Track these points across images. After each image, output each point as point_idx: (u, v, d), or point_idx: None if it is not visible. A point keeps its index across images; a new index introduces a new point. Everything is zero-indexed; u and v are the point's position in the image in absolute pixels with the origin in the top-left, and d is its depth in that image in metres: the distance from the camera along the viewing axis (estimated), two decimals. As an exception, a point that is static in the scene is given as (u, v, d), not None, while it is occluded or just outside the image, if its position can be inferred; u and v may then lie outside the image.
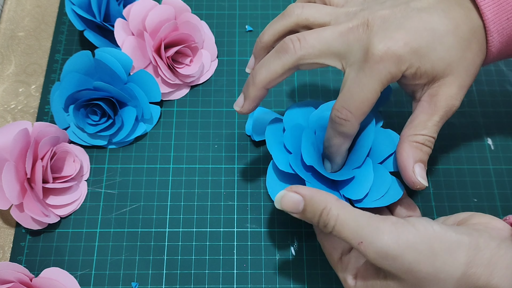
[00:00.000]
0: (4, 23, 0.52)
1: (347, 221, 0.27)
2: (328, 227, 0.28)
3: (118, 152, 0.45)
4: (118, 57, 0.43)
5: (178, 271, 0.40)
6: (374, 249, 0.26)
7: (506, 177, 0.44)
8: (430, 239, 0.26)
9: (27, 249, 0.41)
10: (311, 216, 0.29)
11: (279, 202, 0.29)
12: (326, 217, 0.28)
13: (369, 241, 0.27)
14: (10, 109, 0.47)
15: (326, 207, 0.28)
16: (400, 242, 0.26)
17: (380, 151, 0.35)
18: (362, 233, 0.27)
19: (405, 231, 0.26)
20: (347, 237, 0.27)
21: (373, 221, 0.27)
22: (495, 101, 0.48)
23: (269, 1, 0.53)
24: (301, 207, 0.29)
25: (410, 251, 0.26)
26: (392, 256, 0.26)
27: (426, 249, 0.26)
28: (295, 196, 0.29)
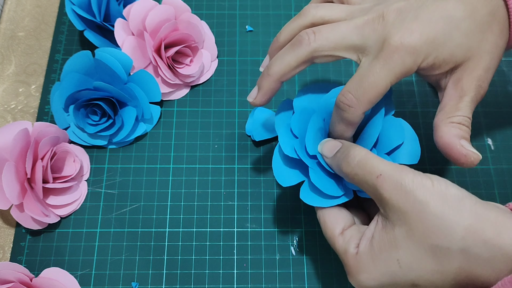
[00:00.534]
0: (4, 23, 0.52)
1: (372, 158, 0.29)
2: (351, 162, 0.30)
3: (118, 152, 0.45)
4: (118, 57, 0.43)
5: (178, 271, 0.40)
6: (391, 181, 0.27)
7: (506, 177, 0.44)
8: (441, 188, 0.27)
9: (27, 249, 0.41)
10: (340, 154, 0.31)
11: (321, 146, 0.33)
12: (354, 153, 0.30)
13: (389, 174, 0.28)
14: (10, 109, 0.47)
15: (356, 148, 0.31)
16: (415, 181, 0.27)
17: (388, 141, 0.34)
18: (383, 168, 0.28)
19: (422, 176, 0.27)
20: (368, 171, 0.29)
21: (394, 163, 0.29)
22: (496, 102, 0.48)
23: (270, 1, 0.53)
24: (336, 149, 0.32)
25: (423, 190, 0.27)
26: (405, 190, 0.27)
27: (438, 193, 0.27)
28: (336, 142, 0.33)
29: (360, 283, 0.29)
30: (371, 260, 0.29)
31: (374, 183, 0.28)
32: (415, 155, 0.34)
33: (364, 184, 0.29)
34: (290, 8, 0.53)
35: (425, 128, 0.46)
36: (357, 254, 0.29)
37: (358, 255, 0.29)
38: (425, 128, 0.46)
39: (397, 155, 0.34)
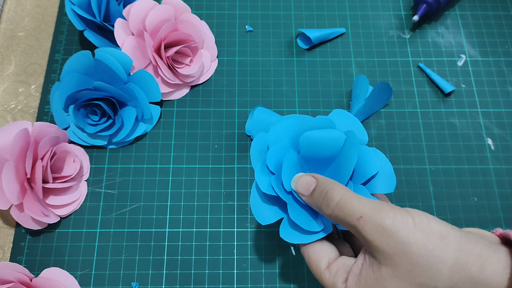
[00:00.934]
0: (4, 23, 0.52)
1: (351, 198, 0.29)
2: (331, 204, 0.30)
3: (118, 152, 0.45)
4: (118, 57, 0.43)
5: (178, 271, 0.40)
6: (372, 224, 0.28)
7: (506, 176, 0.44)
8: (423, 225, 0.27)
9: (27, 249, 0.41)
10: (317, 195, 0.31)
11: (294, 183, 0.33)
12: (332, 194, 0.30)
13: (369, 216, 0.28)
14: (10, 109, 0.47)
15: (333, 187, 0.30)
16: (396, 221, 0.27)
17: (363, 171, 0.34)
18: (363, 209, 0.28)
19: (403, 215, 0.28)
20: (348, 213, 0.29)
21: (374, 202, 0.29)
22: (495, 102, 0.48)
23: (269, 1, 0.53)
24: (312, 187, 0.31)
25: (405, 231, 0.27)
26: (388, 233, 0.27)
27: (420, 232, 0.27)
28: (310, 178, 0.32)
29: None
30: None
31: (356, 225, 0.28)
32: (391, 184, 0.34)
33: (345, 225, 0.30)
34: (289, 8, 0.53)
35: (425, 128, 0.46)
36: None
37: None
38: (425, 128, 0.46)
39: (373, 185, 0.34)
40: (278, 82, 0.48)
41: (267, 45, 0.50)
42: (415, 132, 0.46)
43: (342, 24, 0.52)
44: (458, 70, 0.49)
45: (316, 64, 0.49)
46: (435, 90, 0.48)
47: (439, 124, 0.47)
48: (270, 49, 0.50)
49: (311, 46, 0.50)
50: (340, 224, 0.30)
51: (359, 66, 0.49)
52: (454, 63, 0.50)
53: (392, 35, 0.51)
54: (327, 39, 0.50)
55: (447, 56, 0.50)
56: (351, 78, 0.48)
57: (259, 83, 0.48)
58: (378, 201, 0.29)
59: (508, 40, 0.51)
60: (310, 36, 0.49)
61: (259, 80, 0.48)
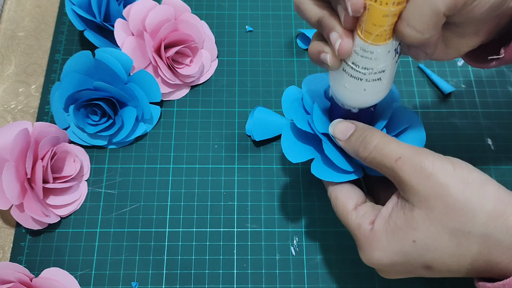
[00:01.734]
0: (4, 23, 0.52)
1: (390, 141, 0.29)
2: (368, 147, 0.29)
3: (118, 152, 0.45)
4: (118, 57, 0.43)
5: (178, 271, 0.40)
6: (411, 164, 0.27)
7: (507, 177, 0.44)
8: (463, 171, 0.27)
9: (27, 249, 0.41)
10: (355, 139, 0.30)
11: (333, 127, 0.32)
12: (370, 137, 0.30)
13: (408, 156, 0.27)
14: (10, 109, 0.47)
15: (372, 131, 0.30)
16: (436, 164, 0.27)
17: (396, 125, 0.35)
18: (402, 151, 0.28)
19: (443, 159, 0.27)
20: (386, 154, 0.28)
21: (413, 146, 0.28)
22: (496, 102, 0.48)
23: (269, 1, 0.53)
24: (350, 132, 0.31)
25: (444, 174, 0.26)
26: (426, 174, 0.26)
27: (459, 176, 0.26)
28: (349, 124, 0.32)
29: (371, 259, 0.29)
30: (385, 238, 0.28)
31: (393, 166, 0.28)
32: (421, 139, 0.35)
33: (382, 167, 0.29)
34: (289, 9, 0.53)
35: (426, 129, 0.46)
36: (371, 230, 0.29)
37: (372, 231, 0.29)
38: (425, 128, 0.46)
39: (404, 139, 0.34)
40: (279, 82, 0.48)
41: (267, 45, 0.50)
42: (415, 132, 0.46)
43: (342, 24, 0.52)
44: (458, 70, 0.49)
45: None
46: (435, 90, 0.48)
47: (440, 124, 0.46)
48: (270, 49, 0.50)
49: (311, 46, 0.50)
50: (376, 167, 0.29)
51: (359, 66, 0.49)
52: (454, 63, 0.50)
53: (392, 35, 0.51)
54: (327, 39, 0.50)
55: (447, 56, 0.50)
56: (351, 78, 0.48)
57: (259, 83, 0.48)
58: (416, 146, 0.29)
59: (508, 40, 0.51)
60: (310, 36, 0.49)
61: (259, 80, 0.48)
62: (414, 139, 0.35)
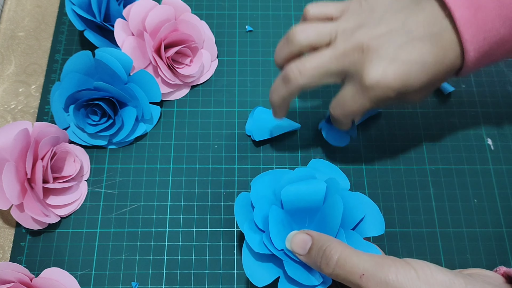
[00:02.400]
0: (4, 23, 0.52)
1: (350, 256, 0.29)
2: (330, 263, 0.29)
3: (118, 152, 0.45)
4: (118, 57, 0.43)
5: (178, 271, 0.40)
6: (375, 281, 0.27)
7: (506, 177, 0.44)
8: (427, 277, 0.27)
9: (27, 249, 0.41)
10: (315, 254, 0.30)
11: (289, 242, 0.32)
12: (330, 252, 0.29)
13: (371, 272, 0.27)
14: (10, 109, 0.47)
15: (330, 244, 0.30)
16: (399, 276, 0.27)
17: (351, 216, 0.34)
18: (364, 266, 0.28)
19: (405, 268, 0.27)
20: (349, 271, 0.28)
21: (374, 257, 0.28)
22: (495, 102, 0.48)
23: (269, 1, 0.53)
24: (308, 246, 0.31)
25: (409, 286, 0.26)
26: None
27: (425, 285, 0.26)
28: (305, 236, 0.32)
29: None
30: None
31: (358, 283, 0.28)
32: (380, 225, 0.34)
33: (347, 283, 0.29)
34: (289, 8, 0.53)
35: (425, 129, 0.46)
36: None
37: None
38: (425, 128, 0.46)
39: (363, 229, 0.34)
40: (278, 82, 0.48)
41: (267, 45, 0.50)
42: (415, 133, 0.46)
43: (342, 24, 0.52)
44: (458, 70, 0.49)
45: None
46: (435, 90, 0.48)
47: (439, 124, 0.47)
48: (270, 49, 0.50)
49: (311, 46, 0.50)
50: (342, 282, 0.29)
51: (359, 66, 0.49)
52: (454, 63, 0.50)
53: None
54: (327, 39, 0.50)
55: (447, 56, 0.50)
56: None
57: (259, 83, 0.48)
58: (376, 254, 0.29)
59: (508, 40, 0.51)
60: None
61: (259, 80, 0.48)
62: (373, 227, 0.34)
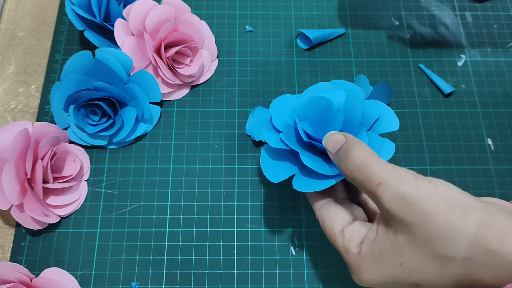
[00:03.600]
0: (4, 23, 0.52)
1: (372, 162, 0.28)
2: (350, 165, 0.29)
3: (118, 152, 0.45)
4: (118, 57, 0.43)
5: (178, 271, 0.40)
6: (392, 192, 0.27)
7: (506, 177, 0.44)
8: (447, 195, 0.26)
9: (27, 249, 0.41)
10: (340, 153, 0.31)
11: (325, 140, 0.33)
12: (352, 154, 0.29)
13: (389, 183, 0.27)
14: (10, 109, 0.47)
15: (355, 147, 0.30)
16: (418, 190, 0.26)
17: (367, 118, 0.36)
18: (383, 175, 0.27)
19: (425, 183, 0.27)
20: (367, 177, 0.28)
21: (396, 168, 0.28)
22: (496, 102, 0.48)
23: (269, 1, 0.53)
24: (339, 146, 0.31)
25: (427, 201, 0.26)
26: (408, 202, 0.26)
27: (442, 203, 0.26)
28: (340, 137, 0.32)
29: (362, 281, 0.30)
30: (373, 262, 0.29)
31: (374, 191, 0.27)
32: (394, 123, 0.36)
33: (363, 189, 0.29)
34: (289, 9, 0.53)
35: (425, 129, 0.46)
36: (359, 254, 0.29)
37: (360, 255, 0.29)
38: (425, 128, 0.46)
39: (379, 127, 0.36)
40: (278, 82, 0.48)
41: (267, 45, 0.50)
42: (415, 133, 0.46)
43: (342, 24, 0.52)
44: (458, 70, 0.49)
45: (316, 64, 0.49)
46: (435, 90, 0.48)
47: (440, 124, 0.47)
48: (270, 49, 0.50)
49: (310, 46, 0.50)
50: (358, 187, 0.29)
51: (359, 66, 0.49)
52: (454, 63, 0.50)
53: (392, 35, 0.51)
54: (327, 39, 0.50)
55: (447, 56, 0.50)
56: (351, 78, 0.48)
57: (259, 83, 0.48)
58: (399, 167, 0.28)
59: (508, 40, 0.51)
60: (309, 36, 0.49)
61: (259, 80, 0.48)
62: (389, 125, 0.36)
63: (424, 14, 0.53)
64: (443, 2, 0.53)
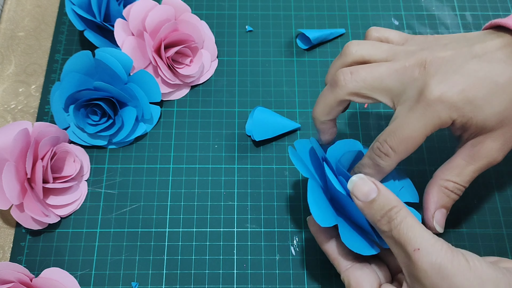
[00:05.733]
0: (4, 23, 0.52)
1: (414, 225, 0.27)
2: (391, 224, 0.28)
3: (118, 152, 0.45)
4: (118, 57, 0.43)
5: (178, 271, 0.40)
6: (429, 260, 0.26)
7: (506, 178, 0.44)
8: (478, 271, 0.26)
9: (27, 249, 0.41)
10: (378, 208, 0.29)
11: (352, 184, 0.30)
12: (395, 214, 0.28)
13: (428, 251, 0.26)
14: (10, 109, 0.47)
15: (397, 206, 0.28)
16: (454, 264, 0.26)
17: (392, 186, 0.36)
18: (422, 242, 0.27)
19: (459, 257, 0.27)
20: (407, 240, 0.27)
21: (434, 237, 0.27)
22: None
23: (269, 1, 0.53)
24: (372, 196, 0.29)
25: (461, 276, 0.26)
26: (443, 274, 0.26)
27: (474, 279, 0.26)
28: (371, 185, 0.29)
29: None
30: None
31: (410, 255, 0.27)
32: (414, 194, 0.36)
33: (396, 250, 0.28)
34: (289, 9, 0.53)
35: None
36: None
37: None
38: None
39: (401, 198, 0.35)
40: (278, 82, 0.48)
41: (267, 45, 0.50)
42: (415, 133, 0.46)
43: (342, 24, 0.52)
44: (458, 70, 0.49)
45: (316, 64, 0.49)
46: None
47: (439, 124, 0.47)
48: (270, 49, 0.50)
49: (310, 46, 0.50)
50: (390, 246, 0.29)
51: (359, 66, 0.49)
52: (454, 64, 0.50)
53: (392, 35, 0.51)
54: (327, 40, 0.50)
55: (447, 57, 0.50)
56: (351, 78, 0.48)
57: (259, 83, 0.48)
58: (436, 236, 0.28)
59: (508, 40, 0.51)
60: (309, 36, 0.49)
61: (259, 80, 0.48)
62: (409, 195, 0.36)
63: (424, 14, 0.53)
64: (443, 2, 0.53)
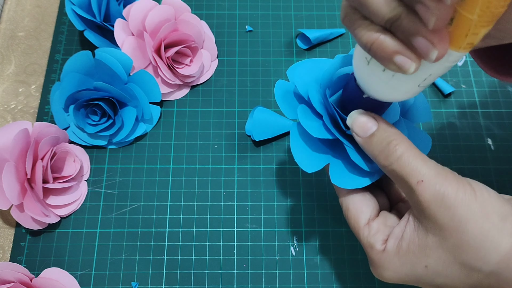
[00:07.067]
0: (4, 23, 0.52)
1: (415, 157, 0.26)
2: (390, 158, 0.27)
3: (118, 152, 0.45)
4: (118, 57, 0.43)
5: (178, 271, 0.40)
6: (433, 191, 0.25)
7: (506, 177, 0.44)
8: (485, 202, 0.25)
9: (27, 249, 0.41)
10: (377, 142, 0.28)
11: (351, 119, 0.29)
12: (394, 147, 0.27)
13: (431, 182, 0.26)
14: (10, 109, 0.47)
15: (396, 139, 0.27)
16: (458, 194, 0.25)
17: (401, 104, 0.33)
18: (426, 173, 0.26)
19: (466, 187, 0.26)
20: (409, 172, 0.26)
21: (438, 166, 0.26)
22: (495, 102, 0.48)
23: (269, 1, 0.53)
24: (371, 131, 0.28)
25: (464, 206, 0.25)
26: (446, 204, 0.25)
27: (479, 210, 0.25)
28: (370, 120, 0.28)
29: (382, 277, 0.29)
30: (398, 259, 0.28)
31: (414, 188, 0.26)
32: (427, 112, 0.33)
33: (400, 183, 0.27)
34: (289, 8, 0.53)
35: (425, 129, 0.46)
36: (384, 251, 0.28)
37: (385, 252, 0.28)
38: (426, 129, 0.46)
39: (412, 116, 0.33)
40: (278, 82, 0.48)
41: (267, 45, 0.50)
42: (415, 132, 0.46)
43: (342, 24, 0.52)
44: (458, 70, 0.49)
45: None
46: (435, 90, 0.48)
47: (440, 124, 0.47)
48: (270, 49, 0.50)
49: (310, 46, 0.50)
50: (393, 179, 0.28)
51: (359, 66, 0.49)
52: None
53: (392, 35, 0.51)
54: (327, 40, 0.50)
55: (447, 56, 0.50)
56: (351, 78, 0.48)
57: (259, 83, 0.48)
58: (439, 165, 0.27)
59: (508, 40, 0.51)
60: (309, 36, 0.49)
61: (259, 80, 0.48)
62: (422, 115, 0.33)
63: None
64: (443, 2, 0.53)
